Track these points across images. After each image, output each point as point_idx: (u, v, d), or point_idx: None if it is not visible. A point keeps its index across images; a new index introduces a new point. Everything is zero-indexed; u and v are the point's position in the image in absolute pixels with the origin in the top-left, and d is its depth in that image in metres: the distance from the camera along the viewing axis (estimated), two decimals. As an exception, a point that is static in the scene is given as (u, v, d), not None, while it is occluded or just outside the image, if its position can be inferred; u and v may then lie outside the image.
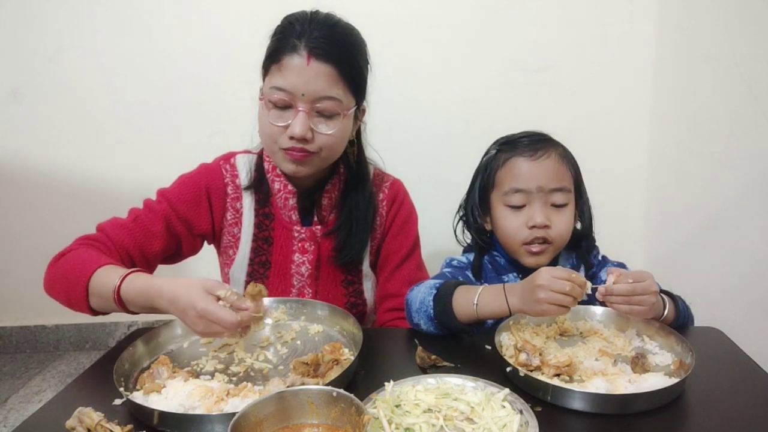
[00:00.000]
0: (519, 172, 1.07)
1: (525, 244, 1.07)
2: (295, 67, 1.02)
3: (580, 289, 0.85)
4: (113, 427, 0.72)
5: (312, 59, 1.02)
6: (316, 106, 1.04)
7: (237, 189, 1.19)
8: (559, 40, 1.88)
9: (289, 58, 1.02)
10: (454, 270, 1.16)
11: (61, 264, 1.01)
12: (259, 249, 1.20)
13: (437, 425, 0.72)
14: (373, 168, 1.27)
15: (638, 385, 0.79)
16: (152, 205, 1.14)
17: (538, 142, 1.09)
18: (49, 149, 2.05)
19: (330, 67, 1.03)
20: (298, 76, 1.02)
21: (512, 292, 0.92)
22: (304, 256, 1.20)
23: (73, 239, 1.06)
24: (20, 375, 2.12)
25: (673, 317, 0.99)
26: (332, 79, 1.04)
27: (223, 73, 1.91)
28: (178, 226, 1.14)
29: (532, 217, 1.05)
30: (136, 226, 1.10)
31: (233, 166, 1.20)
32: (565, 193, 1.08)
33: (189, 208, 1.15)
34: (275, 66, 1.05)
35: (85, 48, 1.95)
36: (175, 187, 1.17)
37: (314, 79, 1.02)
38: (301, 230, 1.19)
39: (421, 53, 1.90)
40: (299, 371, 0.83)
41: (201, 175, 1.18)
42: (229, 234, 1.20)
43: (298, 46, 1.02)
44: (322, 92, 1.03)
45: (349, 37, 1.09)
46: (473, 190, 1.18)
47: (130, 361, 0.89)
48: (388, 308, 1.24)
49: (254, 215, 1.19)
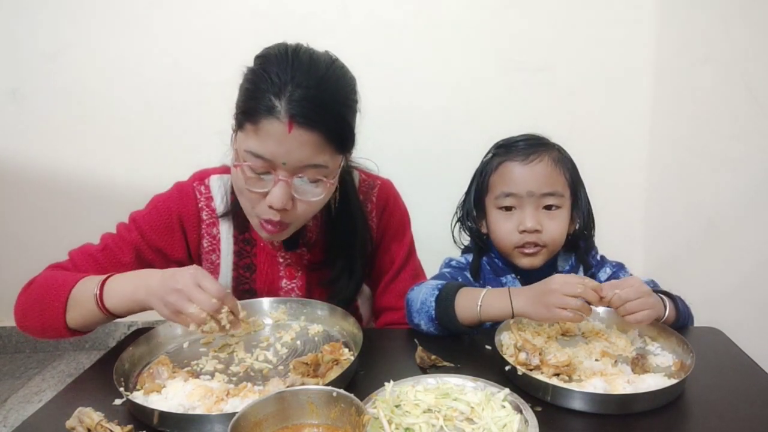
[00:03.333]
0: (510, 177, 1.08)
1: (517, 248, 1.08)
2: (274, 134, 0.88)
3: (593, 293, 0.84)
4: (113, 427, 0.71)
5: (294, 126, 0.87)
6: (299, 174, 0.92)
7: (213, 213, 1.10)
8: (559, 40, 1.89)
9: (267, 122, 0.88)
10: (453, 270, 1.16)
11: (32, 290, 0.96)
12: (241, 278, 1.12)
13: (437, 425, 0.72)
14: (359, 174, 1.18)
15: (636, 386, 0.79)
16: (122, 233, 1.06)
17: (533, 146, 1.09)
18: (49, 149, 2.05)
19: (315, 134, 0.89)
20: (278, 145, 0.88)
21: (518, 296, 0.92)
22: (293, 282, 1.13)
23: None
24: (20, 375, 2.12)
25: (673, 318, 0.99)
26: (317, 146, 0.90)
27: (224, 73, 1.90)
28: (150, 255, 1.07)
29: (522, 221, 1.06)
30: (104, 256, 1.03)
31: (208, 188, 1.10)
32: (557, 197, 1.08)
33: (161, 237, 1.07)
34: (250, 126, 0.90)
35: (85, 48, 1.95)
36: (147, 213, 1.08)
37: (297, 149, 0.89)
38: (286, 255, 1.12)
39: (421, 53, 1.90)
40: (299, 371, 0.83)
41: (173, 199, 1.09)
42: (208, 261, 1.12)
43: (278, 109, 0.87)
44: (306, 161, 0.90)
45: (337, 94, 0.93)
46: (469, 194, 1.18)
47: (130, 361, 0.89)
48: (386, 322, 1.19)
49: (233, 242, 1.11)
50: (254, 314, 1.07)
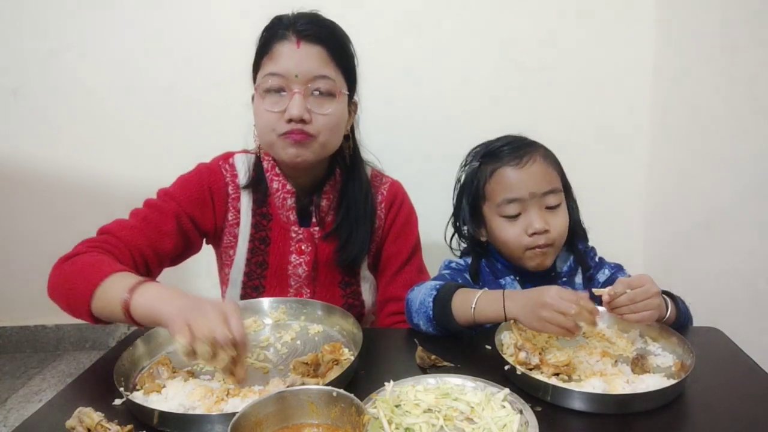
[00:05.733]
0: (509, 183, 1.07)
1: (528, 250, 1.08)
2: (286, 52, 1.05)
3: (589, 315, 0.83)
4: (113, 427, 0.72)
5: (302, 42, 1.05)
6: (311, 86, 1.05)
7: (237, 189, 1.18)
8: (559, 40, 1.88)
9: (279, 45, 1.06)
10: (452, 272, 1.17)
11: (65, 267, 0.96)
12: (256, 249, 1.19)
13: (437, 425, 0.72)
14: (370, 169, 1.27)
15: (635, 386, 0.79)
16: (158, 204, 1.11)
17: (520, 148, 1.09)
18: (49, 149, 2.05)
19: (320, 48, 1.06)
20: (289, 59, 1.05)
21: (513, 300, 0.92)
22: (301, 257, 1.19)
23: (72, 238, 1.03)
24: (20, 375, 2.12)
25: (674, 318, 0.99)
26: (323, 59, 1.06)
27: (226, 73, 1.91)
28: (187, 224, 1.13)
29: (530, 224, 1.06)
30: (146, 225, 1.07)
31: (232, 166, 1.19)
32: (557, 194, 1.08)
33: (195, 207, 1.14)
34: (266, 57, 1.07)
35: (85, 48, 1.95)
36: (179, 187, 1.15)
37: (306, 60, 1.05)
38: (299, 231, 1.18)
39: (421, 53, 1.90)
40: (299, 371, 0.83)
41: (202, 174, 1.17)
42: (230, 234, 1.19)
43: (287, 33, 1.06)
44: (316, 71, 1.05)
45: (335, 26, 1.12)
46: (462, 205, 1.18)
47: (130, 361, 0.89)
48: (390, 312, 1.23)
49: (251, 215, 1.18)
50: (254, 314, 1.08)
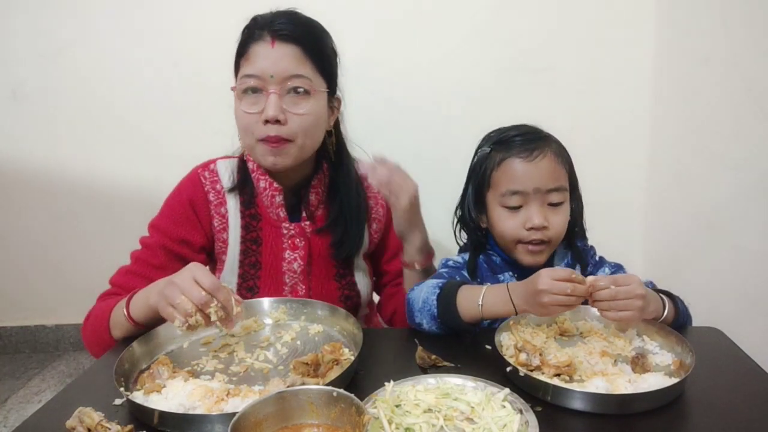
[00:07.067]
0: (515, 174, 1.07)
1: (522, 244, 1.08)
2: (261, 52, 1.06)
3: (582, 287, 0.85)
4: (113, 426, 0.72)
5: (276, 41, 1.05)
6: (287, 86, 1.06)
7: (219, 194, 1.18)
8: (559, 40, 1.88)
9: (255, 45, 1.06)
10: (450, 270, 1.16)
11: (87, 324, 1.08)
12: (248, 250, 1.19)
13: (437, 425, 0.72)
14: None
15: (637, 385, 0.79)
16: (146, 242, 1.16)
17: (533, 141, 1.08)
18: (49, 149, 2.05)
19: (295, 47, 1.06)
20: (264, 59, 1.05)
21: (515, 293, 0.92)
22: (295, 252, 1.19)
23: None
24: (20, 375, 2.12)
25: (672, 317, 0.99)
26: (298, 58, 1.06)
27: (224, 74, 1.90)
28: (178, 249, 1.15)
29: (529, 218, 1.05)
30: (140, 266, 1.13)
31: (213, 172, 1.19)
32: (562, 192, 1.08)
33: (181, 228, 1.15)
34: (243, 58, 1.08)
35: (86, 48, 1.95)
36: (163, 214, 1.18)
37: (280, 60, 1.05)
38: (289, 227, 1.19)
39: (421, 53, 1.90)
40: (299, 371, 0.83)
41: (182, 190, 1.18)
42: (220, 240, 1.19)
43: (263, 33, 1.06)
44: (291, 71, 1.05)
45: (312, 23, 1.12)
46: (468, 188, 1.18)
47: (130, 361, 0.89)
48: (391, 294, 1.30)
49: (240, 217, 1.18)
50: (254, 314, 1.08)
